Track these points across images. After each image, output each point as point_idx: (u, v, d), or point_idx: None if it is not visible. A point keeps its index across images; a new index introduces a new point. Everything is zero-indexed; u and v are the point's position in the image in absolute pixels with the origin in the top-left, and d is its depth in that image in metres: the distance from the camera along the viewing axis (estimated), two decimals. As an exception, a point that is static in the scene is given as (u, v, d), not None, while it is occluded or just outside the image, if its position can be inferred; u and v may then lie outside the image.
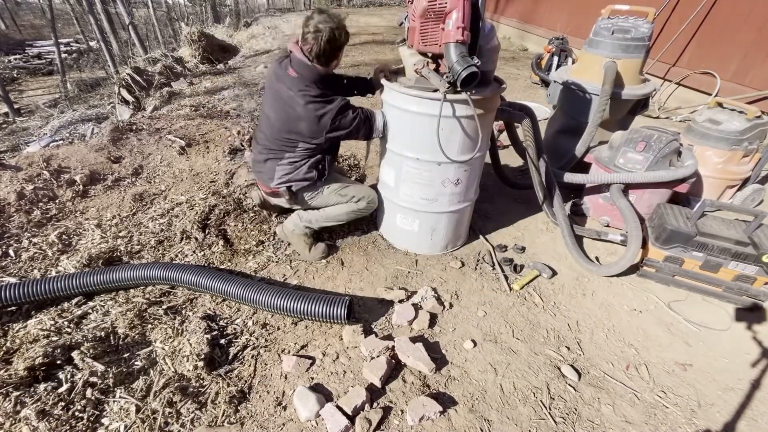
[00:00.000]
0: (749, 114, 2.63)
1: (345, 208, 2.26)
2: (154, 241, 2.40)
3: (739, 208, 2.15)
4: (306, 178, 2.12)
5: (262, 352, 1.77)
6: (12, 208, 2.54)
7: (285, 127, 1.99)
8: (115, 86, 5.74)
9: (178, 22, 13.05)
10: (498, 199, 3.03)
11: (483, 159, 2.22)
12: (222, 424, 1.48)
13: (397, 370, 1.70)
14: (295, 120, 1.95)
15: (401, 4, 15.71)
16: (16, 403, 1.48)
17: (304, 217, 2.28)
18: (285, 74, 1.94)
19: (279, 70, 1.97)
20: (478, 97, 1.84)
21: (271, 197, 2.31)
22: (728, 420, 1.60)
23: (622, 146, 2.52)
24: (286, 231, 2.31)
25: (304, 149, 2.04)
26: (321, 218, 2.27)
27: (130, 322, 1.85)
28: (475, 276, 2.27)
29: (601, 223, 2.76)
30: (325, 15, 1.85)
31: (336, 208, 2.27)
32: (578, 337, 1.94)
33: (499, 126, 3.64)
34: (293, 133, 1.99)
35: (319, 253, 2.31)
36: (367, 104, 4.37)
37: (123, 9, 10.03)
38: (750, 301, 2.10)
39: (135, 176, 3.12)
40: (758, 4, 4.24)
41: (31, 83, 10.73)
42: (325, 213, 2.27)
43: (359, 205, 2.26)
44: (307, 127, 1.94)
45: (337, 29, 1.85)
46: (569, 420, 1.56)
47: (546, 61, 5.49)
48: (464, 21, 1.63)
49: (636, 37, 2.62)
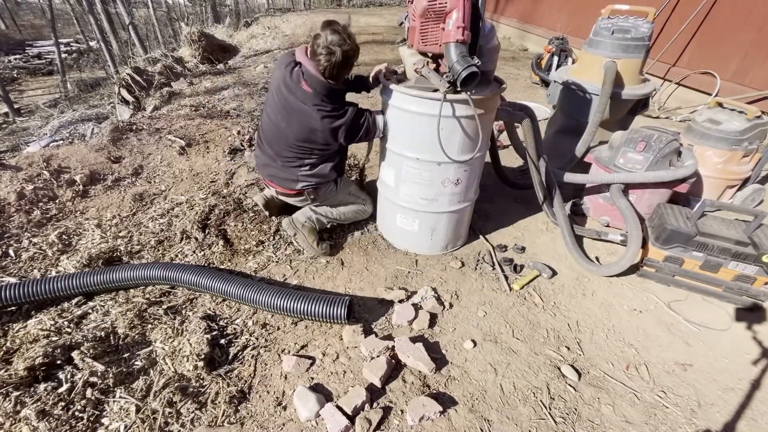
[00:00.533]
0: (749, 114, 2.63)
1: (354, 208, 2.46)
2: (154, 241, 2.40)
3: (739, 208, 2.15)
4: (329, 177, 2.23)
5: (262, 352, 1.77)
6: (12, 208, 2.54)
7: (300, 137, 2.05)
8: (115, 86, 5.74)
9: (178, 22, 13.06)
10: (498, 199, 3.03)
11: (483, 159, 2.21)
12: (222, 424, 1.48)
13: (397, 370, 1.70)
14: (310, 132, 2.01)
15: (401, 4, 15.72)
16: (16, 403, 1.48)
17: (319, 211, 2.37)
18: (297, 87, 1.95)
19: (290, 81, 1.97)
20: (478, 97, 1.84)
21: (289, 197, 2.37)
22: (728, 420, 1.60)
23: (622, 146, 2.52)
24: (296, 223, 2.33)
25: (321, 152, 2.13)
26: (334, 215, 2.40)
27: (130, 322, 1.85)
28: (475, 276, 2.27)
29: (601, 223, 2.76)
30: (338, 36, 1.83)
31: (348, 207, 2.44)
32: (578, 337, 1.94)
33: (499, 126, 3.64)
34: (309, 142, 2.06)
35: (326, 248, 2.35)
36: (368, 104, 4.37)
37: (123, 9, 10.03)
38: (750, 301, 2.10)
39: (135, 176, 3.12)
40: (758, 4, 4.24)
41: (31, 83, 10.73)
42: (339, 210, 2.42)
43: (366, 207, 2.49)
44: (323, 137, 2.03)
45: (351, 50, 1.87)
46: (569, 420, 1.56)
47: (546, 61, 5.49)
48: (464, 21, 1.63)
49: (636, 37, 2.62)
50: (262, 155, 2.28)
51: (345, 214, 2.43)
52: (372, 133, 2.10)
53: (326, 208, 2.39)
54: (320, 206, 2.39)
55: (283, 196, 2.39)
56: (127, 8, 10.33)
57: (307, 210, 2.38)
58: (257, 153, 2.33)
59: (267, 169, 2.27)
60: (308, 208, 2.38)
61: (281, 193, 2.36)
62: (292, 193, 2.29)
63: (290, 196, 2.35)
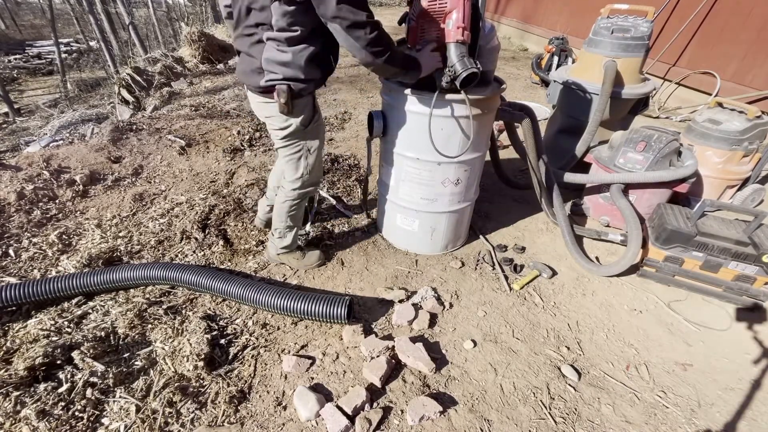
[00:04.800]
0: (749, 114, 2.62)
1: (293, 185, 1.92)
2: (154, 241, 2.40)
3: (739, 208, 2.15)
4: (308, 74, 1.59)
5: (262, 352, 1.77)
6: (12, 208, 2.54)
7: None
8: (115, 86, 5.74)
9: (178, 22, 13.03)
10: (498, 199, 3.03)
11: (483, 159, 2.21)
12: (222, 424, 1.48)
13: (397, 370, 1.70)
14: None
15: (401, 4, 15.71)
16: (16, 403, 1.48)
17: (273, 233, 2.14)
18: None
19: None
20: (478, 96, 1.84)
21: (259, 108, 1.76)
22: (728, 420, 1.60)
23: (622, 146, 2.52)
24: (271, 257, 2.23)
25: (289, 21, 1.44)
26: (279, 217, 2.03)
27: (130, 322, 1.85)
28: (475, 276, 2.27)
29: (601, 223, 2.76)
30: None
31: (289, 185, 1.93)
32: (578, 337, 1.94)
33: (499, 126, 3.64)
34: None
35: (314, 259, 2.24)
36: (368, 104, 4.38)
37: (123, 9, 10.02)
38: (750, 301, 2.10)
39: (135, 176, 3.12)
40: (758, 4, 4.24)
41: (31, 83, 10.72)
42: (278, 208, 2.01)
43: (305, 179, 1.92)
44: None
45: None
46: (569, 420, 1.56)
47: (546, 61, 5.49)
48: (464, 21, 1.62)
49: (635, 36, 2.62)
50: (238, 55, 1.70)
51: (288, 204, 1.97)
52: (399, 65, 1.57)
53: (273, 218, 2.07)
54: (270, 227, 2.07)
55: (254, 105, 1.79)
56: (127, 8, 10.32)
57: (269, 242, 2.21)
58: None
59: (240, 66, 1.69)
60: (269, 240, 2.20)
61: (254, 101, 1.75)
62: (258, 91, 1.67)
63: (259, 104, 1.73)
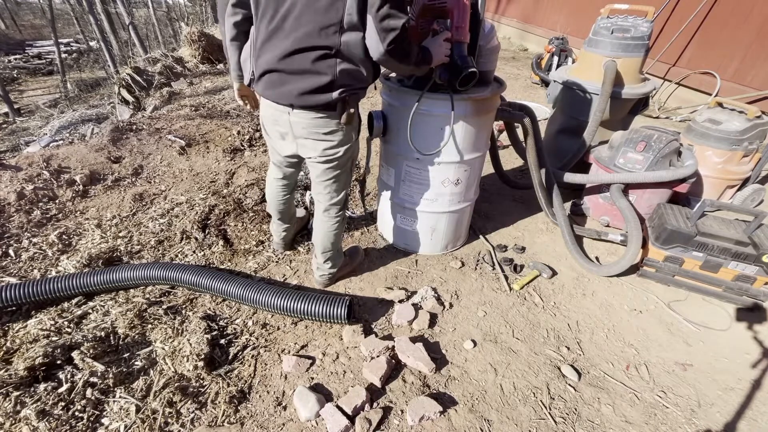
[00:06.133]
0: (749, 114, 2.62)
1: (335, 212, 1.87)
2: (154, 241, 2.40)
3: (739, 208, 2.15)
4: (364, 80, 1.51)
5: (262, 352, 1.77)
6: (12, 208, 2.54)
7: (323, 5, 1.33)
8: (115, 86, 5.74)
9: (178, 22, 13.03)
10: (498, 199, 3.03)
11: (483, 159, 2.21)
12: (222, 424, 1.48)
13: (397, 370, 1.70)
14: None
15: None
16: (16, 403, 1.48)
17: (318, 257, 2.00)
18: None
19: None
20: (478, 96, 1.84)
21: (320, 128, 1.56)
22: (728, 420, 1.60)
23: (622, 146, 2.52)
24: (324, 283, 2.12)
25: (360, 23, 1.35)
26: (332, 243, 1.93)
27: (130, 322, 1.85)
28: (475, 276, 2.27)
29: (601, 223, 2.76)
30: None
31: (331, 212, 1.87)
32: (578, 337, 1.94)
33: (499, 126, 3.64)
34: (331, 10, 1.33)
35: (359, 253, 2.28)
36: (368, 104, 4.36)
37: (123, 9, 10.02)
38: (750, 301, 2.10)
39: (135, 176, 3.12)
40: (758, 4, 4.24)
41: (31, 83, 10.72)
42: (328, 236, 1.92)
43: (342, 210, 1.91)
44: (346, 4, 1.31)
45: None
46: (569, 420, 1.56)
47: (546, 61, 5.49)
48: (464, 21, 1.63)
49: (635, 36, 2.62)
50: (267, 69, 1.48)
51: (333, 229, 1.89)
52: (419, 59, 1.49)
53: (318, 247, 1.95)
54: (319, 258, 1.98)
55: (303, 125, 1.56)
56: (127, 8, 10.32)
57: (315, 269, 2.07)
58: (261, 82, 1.53)
59: (287, 93, 1.48)
60: (315, 267, 2.07)
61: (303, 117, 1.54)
62: (320, 108, 1.50)
63: (316, 122, 1.54)
